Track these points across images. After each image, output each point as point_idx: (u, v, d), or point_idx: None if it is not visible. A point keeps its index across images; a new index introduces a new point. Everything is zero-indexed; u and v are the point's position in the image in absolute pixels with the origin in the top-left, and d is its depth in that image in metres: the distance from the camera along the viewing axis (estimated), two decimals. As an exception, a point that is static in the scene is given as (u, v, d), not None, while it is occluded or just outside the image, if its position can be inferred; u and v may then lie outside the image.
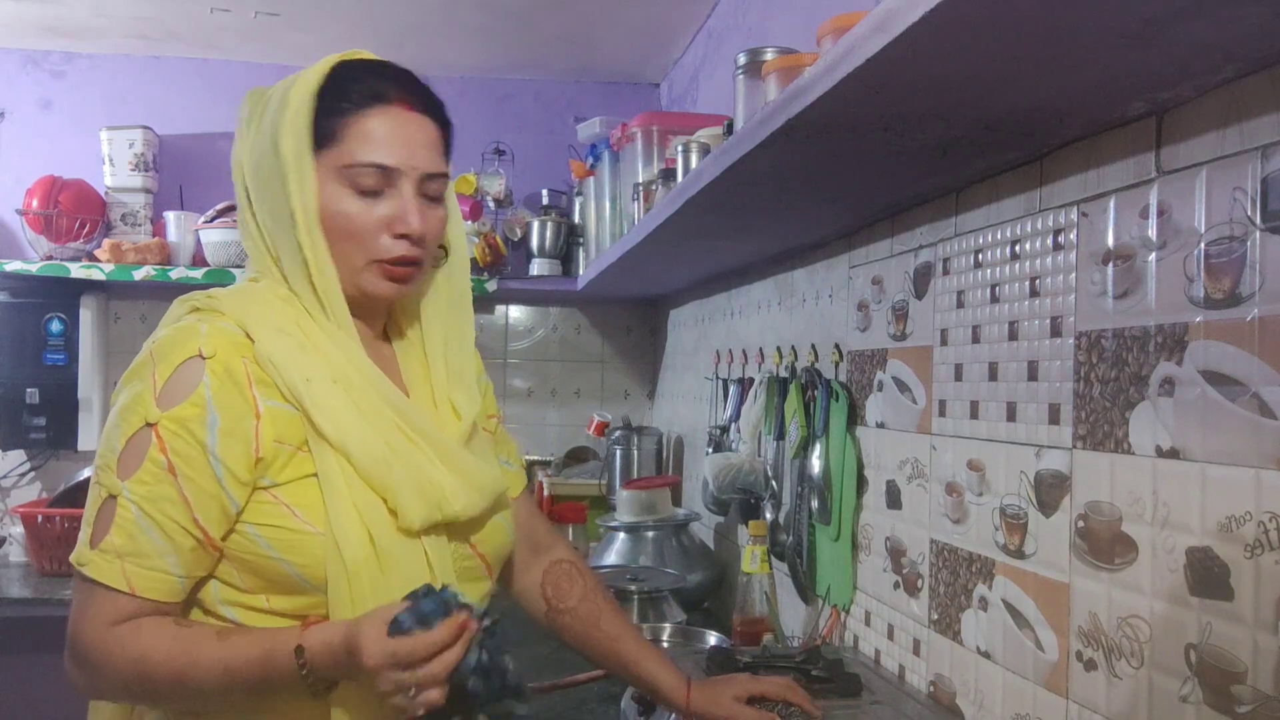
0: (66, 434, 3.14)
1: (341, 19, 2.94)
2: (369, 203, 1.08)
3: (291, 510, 1.03)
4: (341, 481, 1.04)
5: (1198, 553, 0.94)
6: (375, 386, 1.09)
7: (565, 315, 3.53)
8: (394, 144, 1.08)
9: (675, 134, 2.18)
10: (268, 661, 0.99)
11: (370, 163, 1.07)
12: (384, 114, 1.08)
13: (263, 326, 1.05)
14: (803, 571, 1.85)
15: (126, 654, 1.00)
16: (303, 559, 1.03)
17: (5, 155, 3.24)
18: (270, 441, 1.03)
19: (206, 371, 1.02)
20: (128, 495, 1.00)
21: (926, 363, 1.48)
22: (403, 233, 1.08)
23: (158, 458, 1.00)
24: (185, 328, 1.06)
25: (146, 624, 1.01)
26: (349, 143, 1.07)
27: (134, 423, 1.01)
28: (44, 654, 3.17)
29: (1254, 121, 0.89)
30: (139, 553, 1.00)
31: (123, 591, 1.00)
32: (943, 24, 0.77)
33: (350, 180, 1.07)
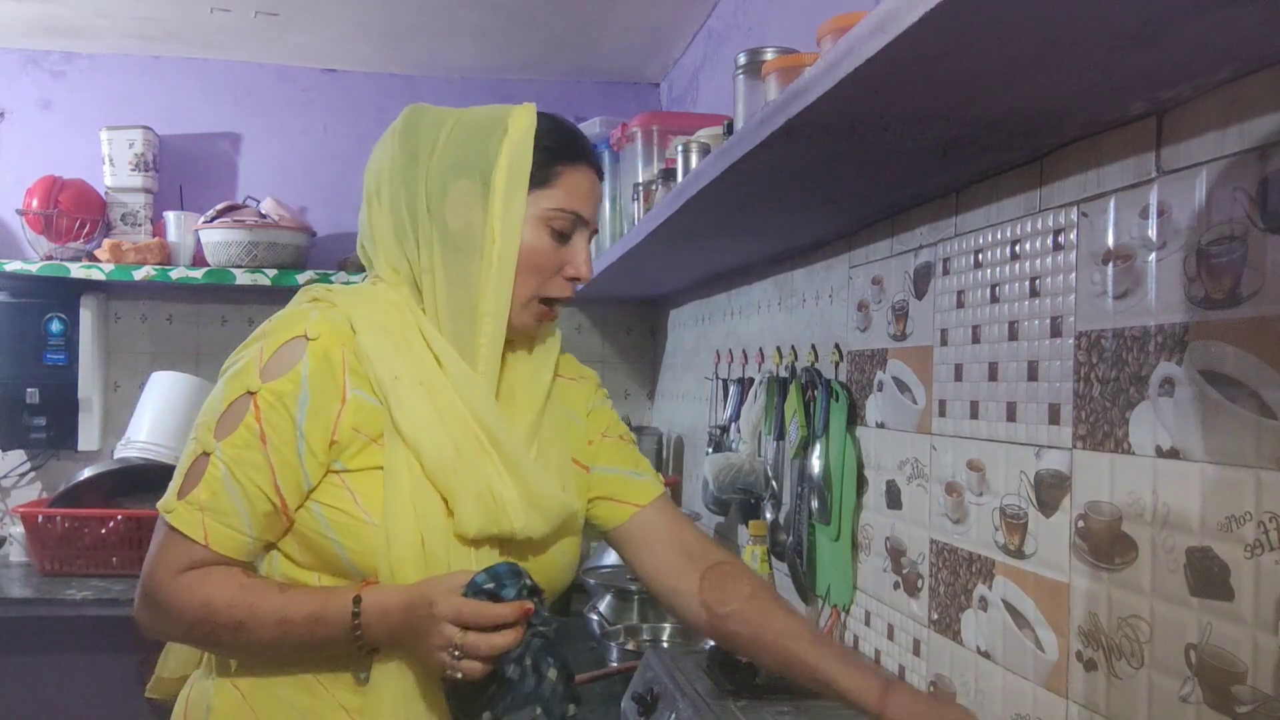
0: (66, 434, 3.14)
1: (341, 19, 2.94)
2: (557, 245, 1.18)
3: (354, 496, 1.10)
4: (406, 478, 1.10)
5: (1198, 553, 0.94)
6: (463, 393, 1.13)
7: (565, 315, 3.50)
8: (589, 200, 1.20)
9: (675, 134, 2.18)
10: (321, 616, 1.06)
11: (573, 211, 1.18)
12: (585, 172, 1.20)
13: (367, 322, 1.13)
14: (803, 571, 1.85)
15: (193, 597, 1.08)
16: (355, 544, 1.09)
17: (5, 155, 3.24)
18: (349, 428, 1.10)
19: (307, 352, 1.09)
20: (220, 455, 1.08)
21: (926, 363, 1.48)
22: (573, 276, 1.20)
23: (252, 424, 1.08)
24: (299, 312, 1.14)
25: (216, 571, 1.09)
26: (560, 189, 1.17)
27: (237, 389, 1.09)
28: (44, 654, 3.19)
29: (1254, 121, 0.89)
30: (220, 509, 1.08)
31: (198, 542, 1.08)
32: (943, 24, 0.77)
33: (550, 222, 1.17)
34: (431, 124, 1.18)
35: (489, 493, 1.12)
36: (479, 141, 1.15)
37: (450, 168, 1.15)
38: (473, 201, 1.14)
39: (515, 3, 2.78)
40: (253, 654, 1.12)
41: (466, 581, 1.03)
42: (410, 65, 3.33)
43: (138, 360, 3.30)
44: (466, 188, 1.14)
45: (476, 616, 1.01)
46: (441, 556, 1.10)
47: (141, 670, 3.05)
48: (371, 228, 1.20)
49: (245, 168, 3.36)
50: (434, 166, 1.15)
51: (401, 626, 1.05)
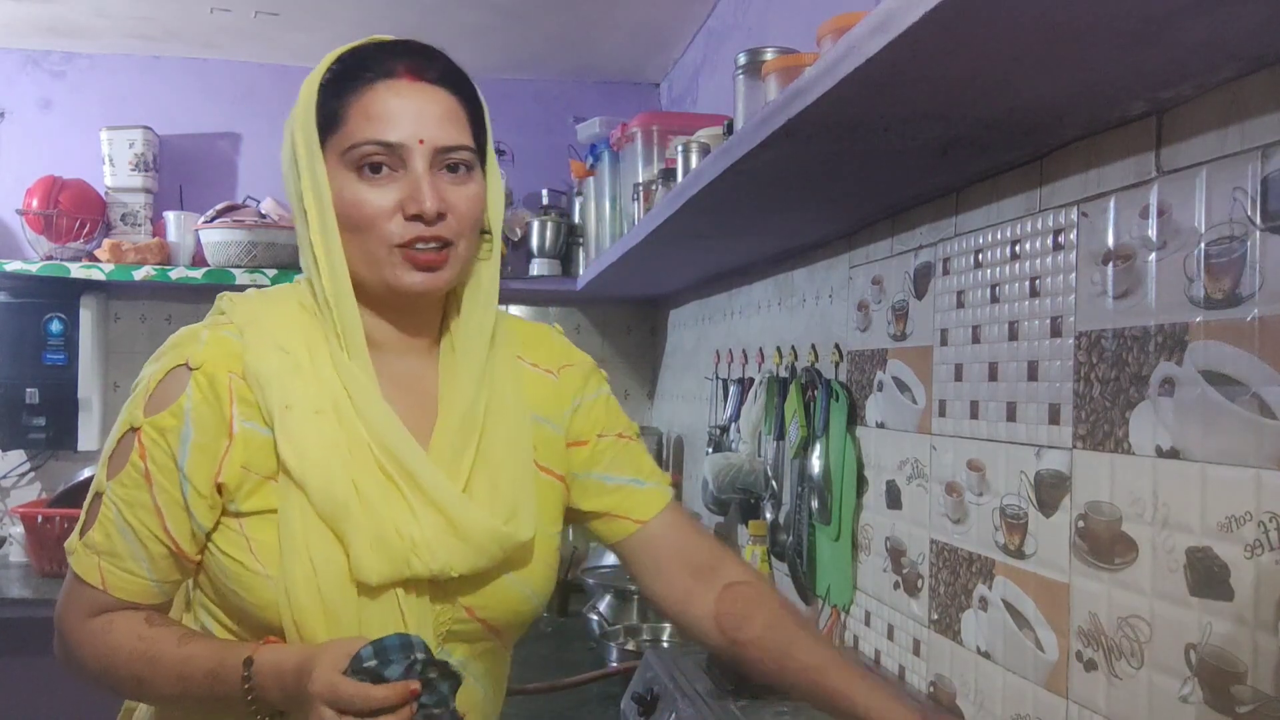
0: (66, 434, 3.14)
1: (341, 19, 2.94)
2: (379, 187, 0.98)
3: (249, 543, 0.99)
4: (299, 522, 0.97)
5: (1198, 553, 0.94)
6: (366, 419, 0.99)
7: (565, 315, 3.53)
8: (400, 117, 0.98)
9: (675, 134, 2.18)
10: (217, 675, 0.97)
11: (372, 139, 0.97)
12: (388, 88, 0.99)
13: (261, 340, 0.99)
14: (803, 571, 1.85)
15: (96, 648, 1.01)
16: (253, 598, 0.99)
17: (5, 155, 3.24)
18: (237, 467, 0.98)
19: (191, 383, 0.98)
20: (110, 495, 1.00)
21: (926, 363, 1.48)
22: (414, 213, 0.97)
23: (137, 463, 0.99)
24: (191, 332, 1.03)
25: (118, 620, 1.01)
26: (351, 123, 0.98)
27: (124, 424, 1.00)
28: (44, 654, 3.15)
29: (1254, 121, 0.89)
30: (114, 553, 1.00)
31: (95, 587, 1.01)
32: (943, 24, 0.77)
33: (355, 163, 0.98)
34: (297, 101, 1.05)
35: (394, 533, 0.97)
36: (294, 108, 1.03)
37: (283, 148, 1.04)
38: (289, 176, 1.03)
39: (515, 3, 2.78)
40: (161, 706, 1.06)
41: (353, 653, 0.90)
42: (410, 65, 3.33)
43: (138, 360, 3.24)
44: (285, 163, 1.03)
45: (352, 701, 0.87)
46: (345, 608, 0.97)
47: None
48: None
49: (245, 168, 3.36)
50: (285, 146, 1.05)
51: (294, 691, 0.92)
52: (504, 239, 3.21)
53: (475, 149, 1.04)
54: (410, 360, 1.08)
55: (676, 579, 1.16)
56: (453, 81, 1.04)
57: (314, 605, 0.96)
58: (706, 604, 1.14)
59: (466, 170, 1.03)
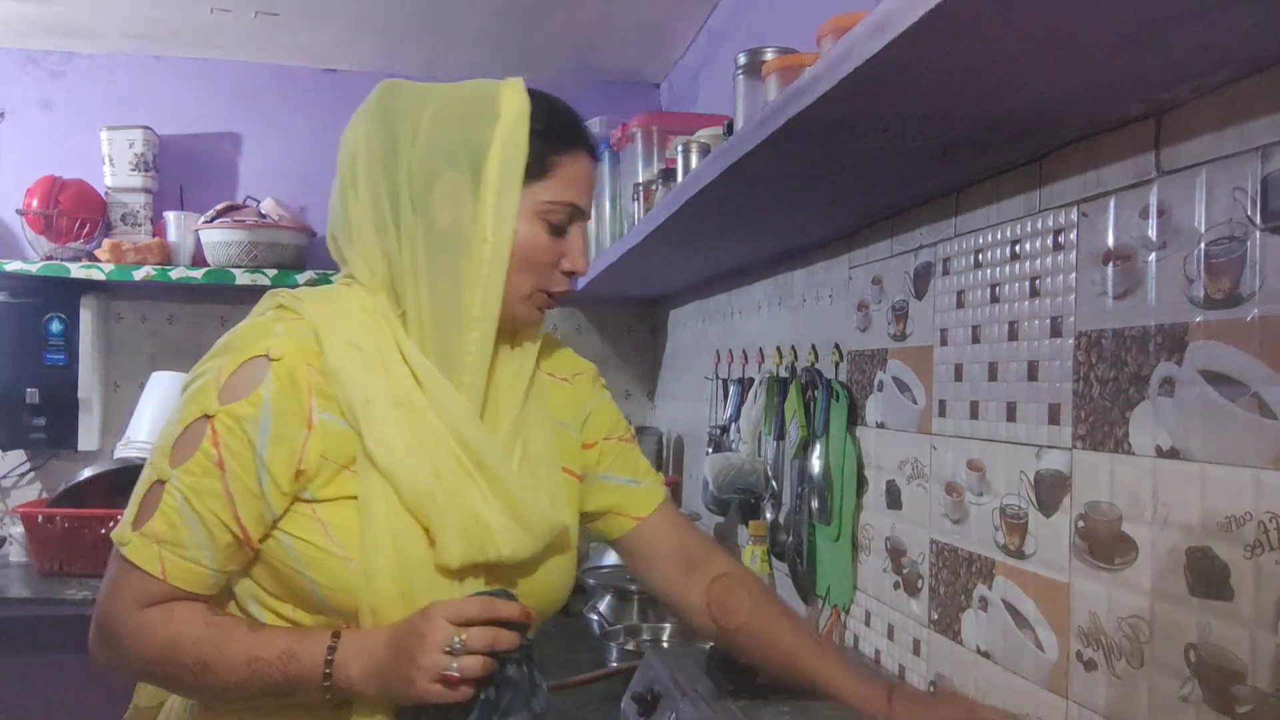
0: (66, 434, 3.13)
1: (341, 19, 2.94)
2: (557, 240, 1.11)
3: (325, 528, 1.02)
4: (383, 509, 1.02)
5: (1198, 553, 0.94)
6: (443, 412, 1.05)
7: (565, 315, 3.53)
8: (587, 189, 1.13)
9: (675, 134, 2.18)
10: (294, 654, 1.00)
11: (571, 203, 1.10)
12: (582, 159, 1.12)
13: (336, 337, 1.03)
14: (803, 571, 1.85)
15: (156, 637, 1.01)
16: (327, 580, 1.02)
17: (5, 155, 3.24)
18: (316, 456, 1.02)
19: (270, 374, 1.00)
20: (175, 483, 1.00)
21: (926, 363, 1.48)
22: (570, 270, 1.12)
23: (210, 450, 0.99)
24: (262, 325, 1.05)
25: (180, 609, 1.02)
26: (556, 181, 1.09)
27: (193, 412, 1.00)
28: (44, 654, 3.18)
29: (1253, 122, 0.90)
30: (178, 542, 1.00)
31: (156, 577, 1.00)
32: (943, 24, 0.77)
33: (545, 216, 1.09)
34: (412, 104, 1.07)
35: (473, 520, 1.04)
36: (468, 127, 1.05)
37: (436, 156, 1.05)
38: (462, 195, 1.05)
39: (515, 3, 2.78)
40: (215, 695, 1.05)
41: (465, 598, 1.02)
42: (410, 65, 3.33)
43: (138, 360, 3.30)
44: (455, 180, 1.05)
45: (482, 611, 0.98)
46: (424, 590, 1.03)
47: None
48: (348, 221, 1.10)
49: (245, 168, 3.36)
50: (417, 154, 1.05)
51: (384, 655, 0.99)
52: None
53: None
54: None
55: (670, 571, 1.28)
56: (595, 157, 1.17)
57: (394, 588, 1.01)
58: (697, 593, 1.26)
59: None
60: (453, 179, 1.05)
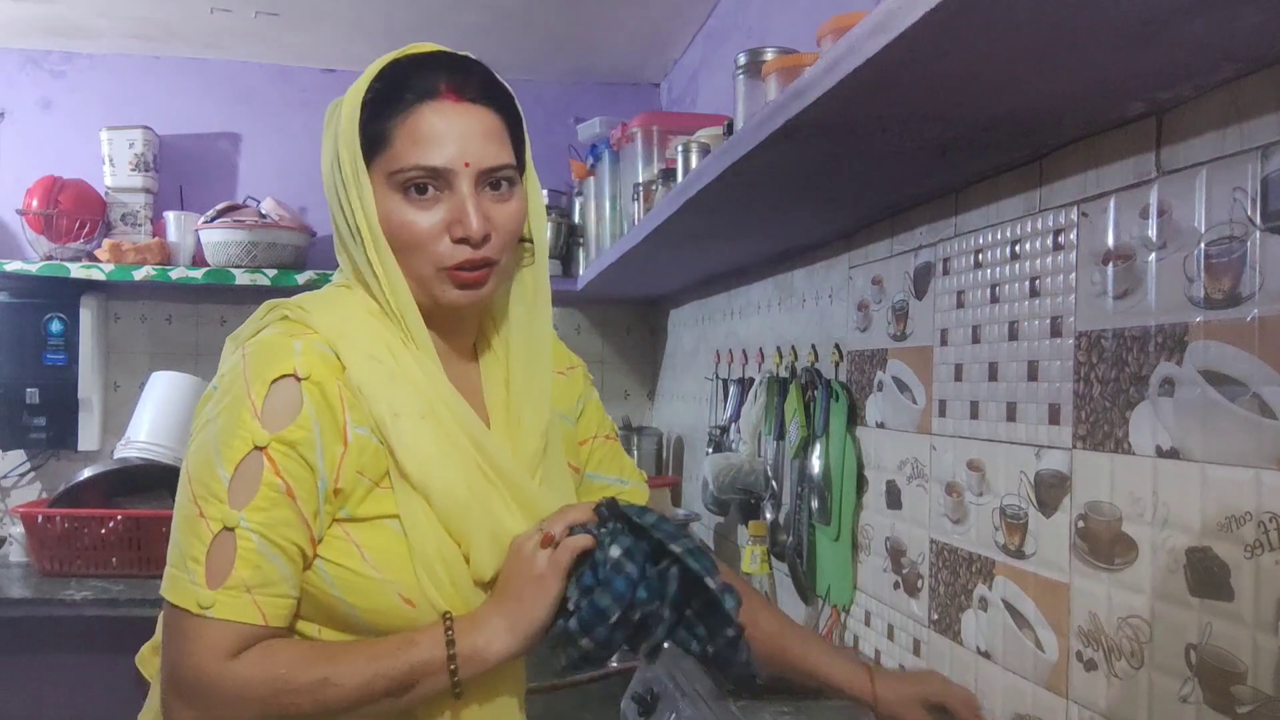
0: (66, 434, 3.14)
1: (341, 19, 2.94)
2: (426, 209, 1.00)
3: (361, 552, 0.99)
4: (427, 529, 0.99)
5: (1198, 553, 0.94)
6: (460, 420, 1.02)
7: (565, 315, 3.53)
8: (444, 140, 0.99)
9: (675, 134, 2.18)
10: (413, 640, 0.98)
11: (418, 164, 0.99)
12: (432, 110, 1.00)
13: (355, 351, 1.00)
14: (803, 571, 1.85)
15: (265, 674, 0.95)
16: (365, 603, 0.99)
17: (5, 155, 3.24)
18: (353, 472, 0.98)
19: (305, 393, 0.96)
20: (246, 525, 0.94)
21: (926, 363, 1.48)
22: (461, 236, 1.00)
23: (274, 481, 0.95)
24: (276, 344, 0.99)
25: (271, 645, 0.97)
26: (397, 146, 1.00)
27: (240, 447, 0.95)
28: (44, 654, 3.18)
29: (1254, 121, 0.89)
30: (266, 582, 0.95)
31: (255, 625, 0.95)
32: (943, 24, 0.77)
33: (401, 185, 1.00)
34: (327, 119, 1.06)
35: (501, 530, 1.03)
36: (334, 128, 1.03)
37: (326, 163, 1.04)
38: (337, 193, 1.03)
39: (515, 3, 2.78)
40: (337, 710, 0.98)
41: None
42: (410, 65, 3.34)
43: (137, 360, 3.30)
44: (333, 180, 1.03)
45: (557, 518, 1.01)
46: (466, 607, 1.01)
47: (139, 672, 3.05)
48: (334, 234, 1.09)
49: (245, 168, 3.36)
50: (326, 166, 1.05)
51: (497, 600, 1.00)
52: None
53: (516, 164, 1.06)
54: (454, 367, 1.10)
55: None
56: (492, 96, 1.05)
57: (442, 609, 1.00)
58: None
59: (509, 186, 1.05)
60: (332, 179, 1.04)
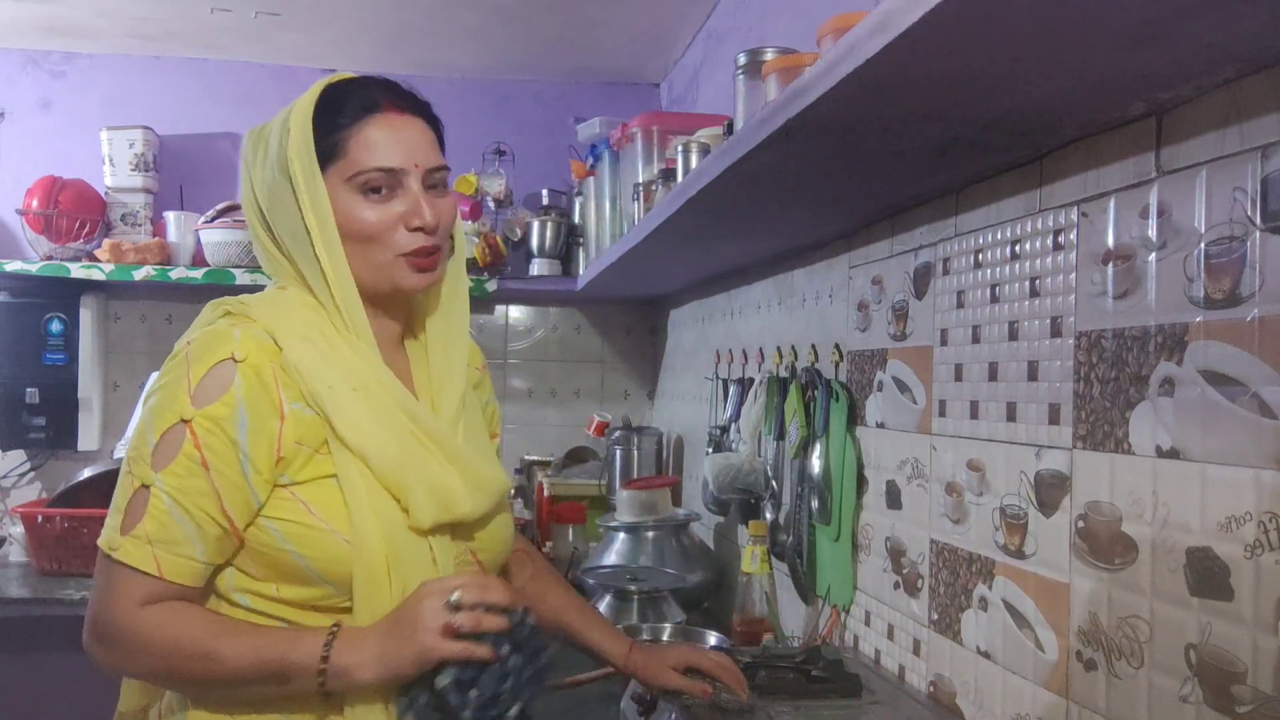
0: (66, 434, 3.13)
1: (341, 19, 2.94)
2: (382, 205, 1.16)
3: (307, 506, 1.11)
4: (360, 483, 1.11)
5: (1198, 553, 0.94)
6: (390, 393, 1.16)
7: (565, 315, 3.53)
8: (394, 146, 1.16)
9: (675, 134, 2.18)
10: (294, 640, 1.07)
11: (376, 167, 1.15)
12: (379, 122, 1.16)
13: (290, 335, 1.13)
14: (803, 571, 1.85)
15: (161, 633, 1.07)
16: (316, 552, 1.10)
17: (5, 155, 3.24)
18: (291, 442, 1.10)
19: (238, 374, 1.08)
20: (160, 486, 1.07)
21: (926, 363, 1.48)
22: (418, 225, 1.16)
23: (191, 452, 1.07)
24: (219, 332, 1.12)
25: (179, 606, 1.09)
26: (353, 153, 1.15)
27: (168, 419, 1.08)
28: (44, 654, 3.18)
29: (1254, 121, 0.90)
30: (170, 540, 1.07)
31: (151, 575, 1.07)
32: (943, 24, 0.77)
33: (360, 187, 1.15)
34: (254, 143, 1.20)
35: (437, 485, 1.15)
36: (274, 139, 1.17)
37: (263, 178, 1.18)
38: (286, 198, 1.15)
39: (515, 3, 2.78)
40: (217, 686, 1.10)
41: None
42: (410, 65, 3.33)
43: (138, 360, 3.30)
44: (280, 190, 1.16)
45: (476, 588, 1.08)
46: (405, 550, 1.13)
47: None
48: (260, 246, 1.22)
49: (245, 168, 3.36)
50: (261, 185, 1.18)
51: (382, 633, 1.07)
52: (504, 239, 3.21)
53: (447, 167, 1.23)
54: (385, 351, 1.22)
55: None
56: (424, 110, 1.22)
57: (380, 551, 1.11)
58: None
59: (444, 186, 1.22)
60: (279, 189, 1.16)
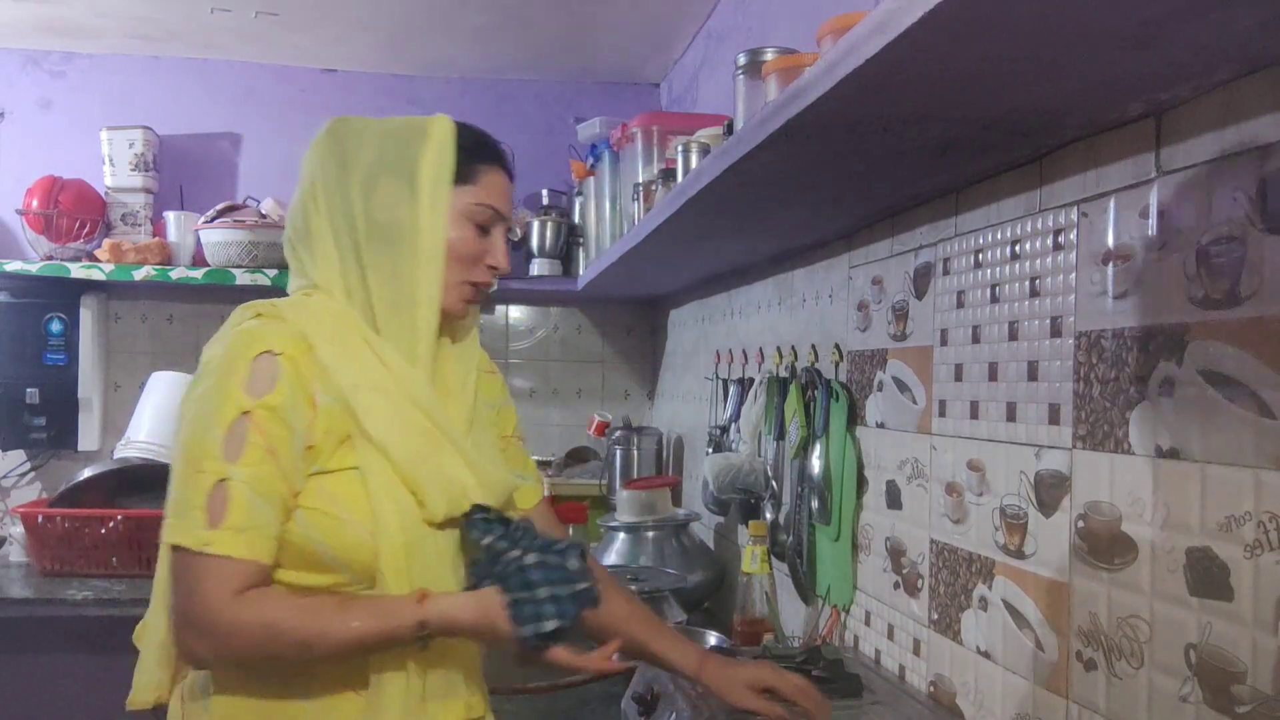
0: (66, 434, 3.13)
1: (341, 19, 2.94)
2: (482, 239, 1.28)
3: (334, 498, 1.18)
4: (381, 476, 1.19)
5: (1198, 553, 0.94)
6: (410, 393, 1.23)
7: (565, 315, 3.53)
8: (505, 197, 1.31)
9: (675, 134, 2.18)
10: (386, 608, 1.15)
11: (494, 206, 1.28)
12: (500, 174, 1.31)
13: (320, 335, 1.21)
14: (803, 571, 1.85)
15: (263, 612, 1.13)
16: (336, 540, 1.17)
17: (5, 155, 3.24)
18: (321, 432, 1.18)
19: (280, 365, 1.16)
20: (238, 477, 1.13)
21: (926, 363, 1.48)
22: (493, 264, 1.30)
23: (257, 440, 1.14)
24: (255, 329, 1.20)
25: (267, 592, 1.15)
26: (483, 187, 1.28)
27: (229, 413, 1.14)
28: (44, 654, 3.18)
29: (1253, 122, 0.90)
30: (256, 525, 1.14)
31: (248, 560, 1.13)
32: (943, 24, 0.77)
33: (474, 216, 1.27)
34: (358, 130, 1.28)
35: (451, 480, 1.22)
36: (403, 143, 1.25)
37: (378, 168, 1.25)
38: (400, 198, 1.23)
39: (515, 3, 2.78)
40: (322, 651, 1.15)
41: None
42: (410, 65, 3.33)
43: (138, 360, 3.30)
44: (393, 185, 1.24)
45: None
46: (419, 541, 1.20)
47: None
48: (309, 229, 1.27)
49: (245, 168, 3.36)
50: (361, 169, 1.25)
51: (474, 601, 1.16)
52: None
53: None
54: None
55: None
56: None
57: (398, 540, 1.18)
58: None
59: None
60: (391, 184, 1.24)
